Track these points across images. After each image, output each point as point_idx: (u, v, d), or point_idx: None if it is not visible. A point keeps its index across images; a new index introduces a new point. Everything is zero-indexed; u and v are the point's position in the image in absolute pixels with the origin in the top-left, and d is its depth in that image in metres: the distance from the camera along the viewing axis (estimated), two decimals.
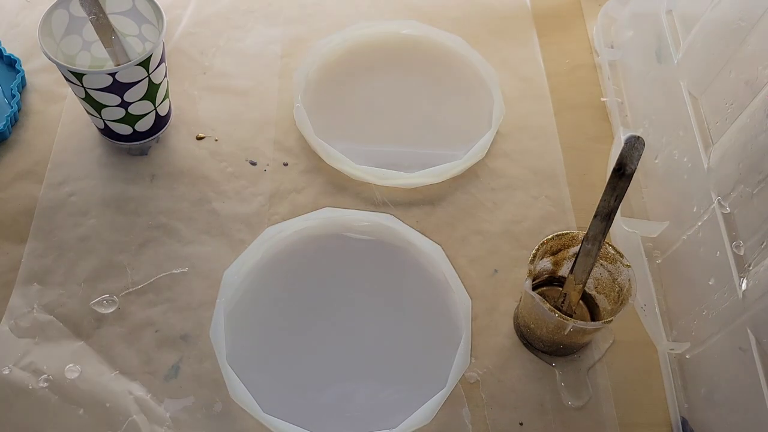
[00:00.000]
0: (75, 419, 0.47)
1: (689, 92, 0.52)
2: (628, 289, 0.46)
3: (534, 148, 0.62)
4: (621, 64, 0.66)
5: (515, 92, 0.66)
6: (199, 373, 0.49)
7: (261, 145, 0.61)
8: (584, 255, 0.45)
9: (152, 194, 0.57)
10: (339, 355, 0.50)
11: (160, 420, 0.47)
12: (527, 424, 0.48)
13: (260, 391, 0.48)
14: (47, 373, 0.48)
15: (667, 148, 0.55)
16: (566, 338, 0.47)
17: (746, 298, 0.41)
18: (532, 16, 0.72)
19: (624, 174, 0.44)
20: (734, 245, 0.44)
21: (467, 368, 0.49)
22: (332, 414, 0.48)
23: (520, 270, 0.55)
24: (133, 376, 0.49)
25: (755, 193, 0.42)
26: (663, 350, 0.51)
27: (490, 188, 0.59)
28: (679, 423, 0.48)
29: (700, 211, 0.48)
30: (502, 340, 0.52)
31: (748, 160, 0.43)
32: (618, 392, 0.50)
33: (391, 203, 0.58)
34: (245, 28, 0.69)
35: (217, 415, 0.48)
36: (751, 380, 0.40)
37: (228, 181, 0.59)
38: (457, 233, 0.57)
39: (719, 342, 0.44)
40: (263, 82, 0.65)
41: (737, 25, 0.47)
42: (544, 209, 0.58)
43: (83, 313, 0.51)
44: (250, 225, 0.56)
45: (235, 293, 0.52)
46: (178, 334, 0.51)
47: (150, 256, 0.54)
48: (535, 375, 0.50)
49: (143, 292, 0.52)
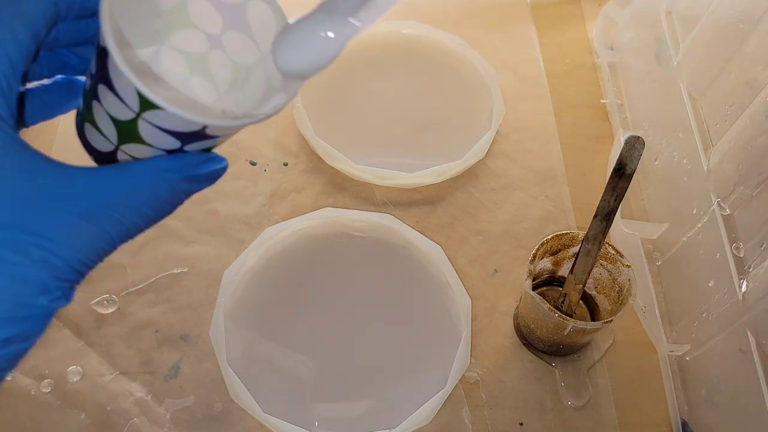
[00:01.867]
0: (77, 423, 0.47)
1: (689, 93, 0.52)
2: (628, 289, 0.46)
3: (534, 148, 0.62)
4: (621, 66, 0.66)
5: (515, 92, 0.66)
6: (199, 373, 0.49)
7: (261, 145, 0.61)
8: (584, 255, 0.45)
9: None
10: (339, 355, 0.50)
11: (161, 421, 0.47)
12: (527, 424, 0.48)
13: (260, 391, 0.48)
14: (49, 377, 0.48)
15: (666, 150, 0.55)
16: (566, 338, 0.47)
17: (746, 300, 0.42)
18: (532, 17, 0.72)
19: (624, 174, 0.44)
20: (734, 247, 0.44)
21: (467, 368, 0.49)
22: (332, 414, 0.48)
23: (520, 270, 0.55)
24: (134, 377, 0.49)
25: (755, 194, 0.42)
26: (663, 352, 0.51)
27: (490, 188, 0.59)
28: (679, 425, 0.48)
29: (699, 213, 0.48)
30: (502, 340, 0.52)
31: (747, 162, 0.43)
32: (618, 392, 0.50)
33: (391, 203, 0.58)
34: None
35: (217, 415, 0.48)
36: (751, 382, 0.40)
37: (228, 180, 0.59)
38: (457, 233, 0.57)
39: (719, 344, 0.45)
40: None
41: (737, 26, 0.47)
42: (544, 209, 0.58)
43: (83, 314, 0.51)
44: (249, 225, 0.56)
45: (235, 293, 0.52)
46: (178, 334, 0.51)
47: (150, 256, 0.54)
48: (535, 375, 0.50)
49: (143, 292, 0.52)
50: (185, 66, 0.28)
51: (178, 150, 0.25)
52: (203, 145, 0.25)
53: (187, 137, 0.24)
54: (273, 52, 0.26)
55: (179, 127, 0.24)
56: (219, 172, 0.26)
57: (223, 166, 0.26)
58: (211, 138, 0.25)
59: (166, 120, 0.23)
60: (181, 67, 0.28)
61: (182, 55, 0.28)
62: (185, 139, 0.24)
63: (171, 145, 0.24)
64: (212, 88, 0.29)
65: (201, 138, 0.24)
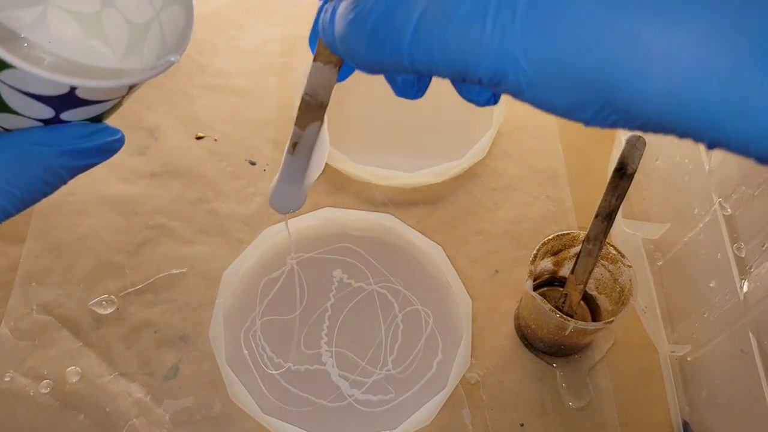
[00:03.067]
0: (75, 424, 0.47)
1: None
2: (629, 289, 0.46)
3: (535, 147, 0.62)
4: None
5: None
6: (199, 374, 0.49)
7: (260, 145, 0.61)
8: (585, 255, 0.45)
9: (151, 194, 0.57)
10: (339, 355, 0.50)
11: (160, 422, 0.47)
12: (528, 425, 0.48)
13: (260, 392, 0.48)
14: (48, 378, 0.48)
15: (668, 150, 0.55)
16: (567, 339, 0.47)
17: (747, 301, 0.41)
18: None
19: (625, 174, 0.44)
20: (735, 247, 0.44)
21: (468, 369, 0.49)
22: (332, 414, 0.48)
23: (520, 270, 0.55)
24: (132, 377, 0.49)
25: (756, 194, 0.42)
26: (664, 353, 0.51)
27: (490, 188, 0.59)
28: (681, 425, 0.48)
29: (701, 213, 0.48)
30: (503, 341, 0.51)
31: (749, 162, 0.42)
32: (619, 393, 0.50)
33: (391, 203, 0.58)
34: (244, 26, 0.69)
35: (216, 416, 0.47)
36: (753, 383, 0.40)
37: (227, 180, 0.58)
38: (457, 233, 0.56)
39: (720, 344, 0.44)
40: (262, 81, 0.65)
41: None
42: (545, 209, 0.58)
43: (82, 314, 0.51)
44: (249, 225, 0.56)
45: (235, 293, 0.52)
46: (177, 335, 0.51)
47: (149, 256, 0.54)
48: (535, 375, 0.50)
49: (142, 293, 0.52)
50: (77, 28, 0.26)
51: (54, 120, 0.22)
52: (85, 114, 0.23)
53: (60, 103, 0.21)
54: (271, 205, 0.36)
55: (44, 90, 0.21)
56: (111, 145, 0.23)
57: (117, 137, 0.23)
58: (91, 104, 0.22)
59: (26, 81, 0.20)
60: (72, 29, 0.26)
61: (72, 16, 0.26)
62: (58, 106, 0.21)
63: (43, 113, 0.22)
64: (109, 52, 0.26)
65: (77, 104, 0.22)
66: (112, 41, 0.26)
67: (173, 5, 0.25)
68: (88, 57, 0.26)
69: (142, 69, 0.23)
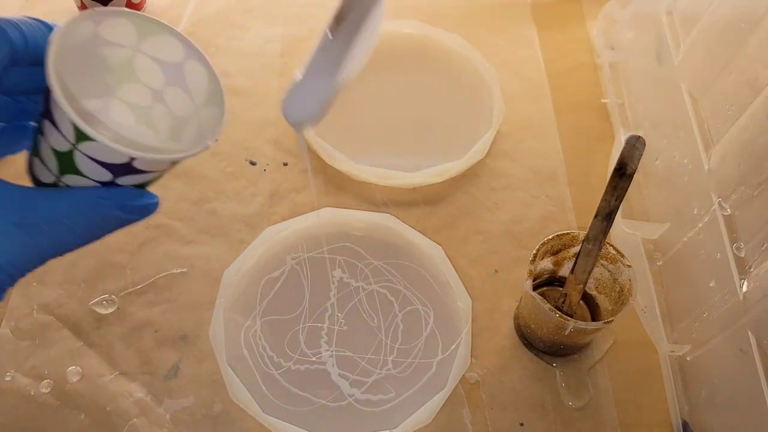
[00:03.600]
0: (76, 424, 0.47)
1: (689, 93, 0.52)
2: (629, 289, 0.46)
3: (534, 147, 0.62)
4: (621, 65, 0.66)
5: (515, 92, 0.66)
6: (199, 374, 0.49)
7: (261, 145, 0.61)
8: (585, 255, 0.45)
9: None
10: (338, 355, 0.50)
11: (160, 421, 0.47)
12: (528, 425, 0.48)
13: (260, 392, 0.48)
14: (49, 378, 0.48)
15: (667, 150, 0.55)
16: (567, 338, 0.47)
17: (747, 300, 0.41)
18: (533, 16, 0.72)
19: (625, 174, 0.44)
20: (735, 247, 0.44)
21: (467, 368, 0.49)
22: (332, 414, 0.48)
23: (520, 270, 0.55)
24: (133, 377, 0.49)
25: (756, 194, 0.42)
26: (664, 352, 0.51)
27: (490, 188, 0.59)
28: (680, 425, 0.48)
29: (700, 213, 0.48)
30: (503, 341, 0.52)
31: (748, 162, 0.43)
32: (618, 393, 0.50)
33: (391, 203, 0.58)
34: (245, 27, 0.69)
35: (216, 416, 0.48)
36: (752, 382, 0.40)
37: (228, 180, 0.58)
38: (457, 233, 0.57)
39: (720, 344, 0.44)
40: (263, 81, 0.65)
41: (738, 26, 0.46)
42: (544, 209, 0.58)
43: (83, 314, 0.51)
44: (249, 225, 0.56)
45: (235, 293, 0.52)
46: (177, 335, 0.51)
47: (149, 256, 0.54)
48: (535, 375, 0.50)
49: (143, 293, 0.52)
50: (131, 116, 0.33)
51: (110, 182, 0.28)
52: (135, 180, 0.28)
53: (118, 169, 0.27)
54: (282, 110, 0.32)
55: (110, 159, 0.27)
56: (150, 207, 0.29)
57: (154, 201, 0.29)
58: (142, 173, 0.28)
59: (98, 151, 0.26)
60: (128, 117, 0.32)
61: (129, 107, 0.32)
62: (116, 171, 0.27)
63: (104, 176, 0.27)
64: (154, 136, 0.33)
65: (131, 172, 0.28)
66: (158, 128, 0.32)
67: (211, 106, 0.31)
68: (137, 137, 0.32)
69: (182, 149, 0.28)
